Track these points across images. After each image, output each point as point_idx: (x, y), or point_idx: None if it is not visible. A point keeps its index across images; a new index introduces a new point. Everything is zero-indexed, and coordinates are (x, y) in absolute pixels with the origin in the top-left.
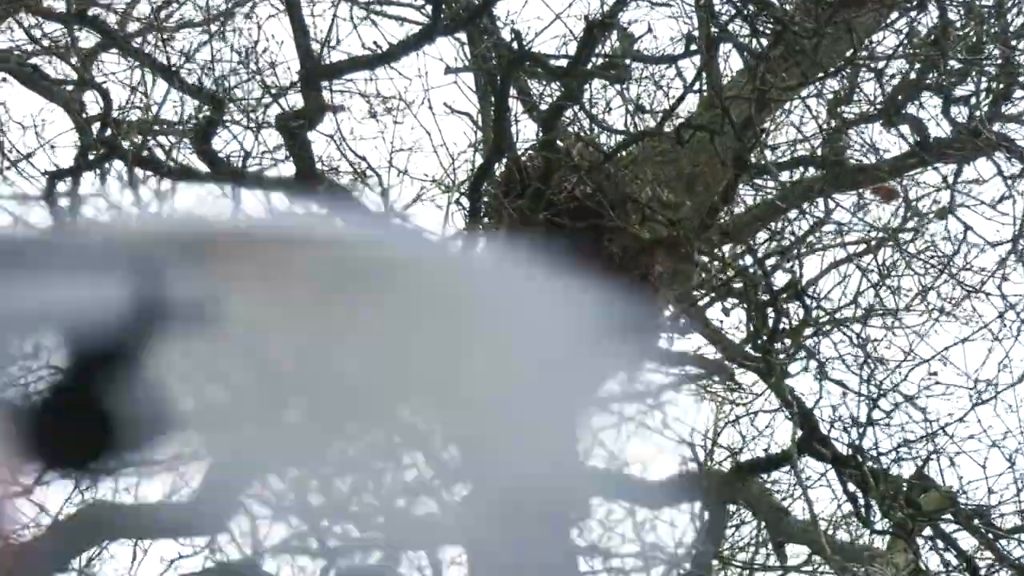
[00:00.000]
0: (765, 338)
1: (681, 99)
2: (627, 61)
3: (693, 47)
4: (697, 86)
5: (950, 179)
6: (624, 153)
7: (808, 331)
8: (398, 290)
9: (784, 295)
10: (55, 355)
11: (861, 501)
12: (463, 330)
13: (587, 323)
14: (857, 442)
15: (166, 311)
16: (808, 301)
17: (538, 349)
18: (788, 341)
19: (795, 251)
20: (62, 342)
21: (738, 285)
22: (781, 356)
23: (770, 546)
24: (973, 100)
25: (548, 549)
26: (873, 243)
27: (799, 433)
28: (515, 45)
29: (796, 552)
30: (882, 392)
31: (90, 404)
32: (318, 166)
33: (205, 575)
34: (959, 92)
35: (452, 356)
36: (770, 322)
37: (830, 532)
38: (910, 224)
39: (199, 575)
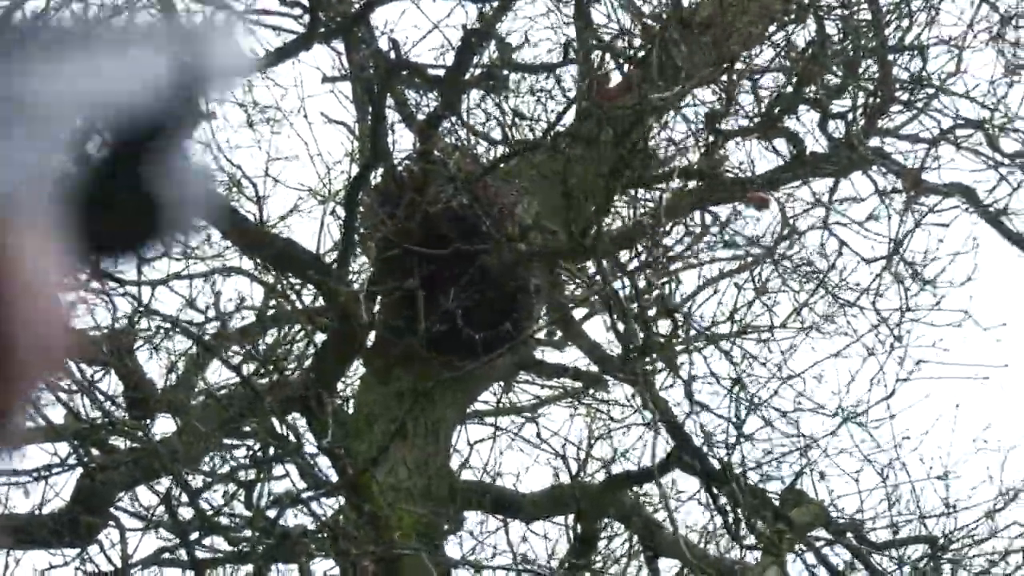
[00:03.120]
0: (634, 353)
1: (565, 111)
2: (504, 71)
3: (571, 55)
4: (575, 95)
5: (825, 196)
6: (502, 165)
7: (679, 348)
8: None
9: (653, 312)
10: (100, 137)
11: (731, 515)
12: None
13: None
14: (727, 457)
15: (205, 87)
16: (678, 318)
17: None
18: (655, 356)
19: (663, 266)
20: (106, 123)
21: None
22: (648, 371)
23: (642, 559)
24: (850, 115)
25: None
26: (749, 259)
27: (662, 449)
28: (392, 55)
29: (668, 565)
30: (752, 408)
31: (137, 186)
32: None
33: None
34: (836, 107)
35: None
36: (639, 337)
37: (702, 546)
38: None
39: None
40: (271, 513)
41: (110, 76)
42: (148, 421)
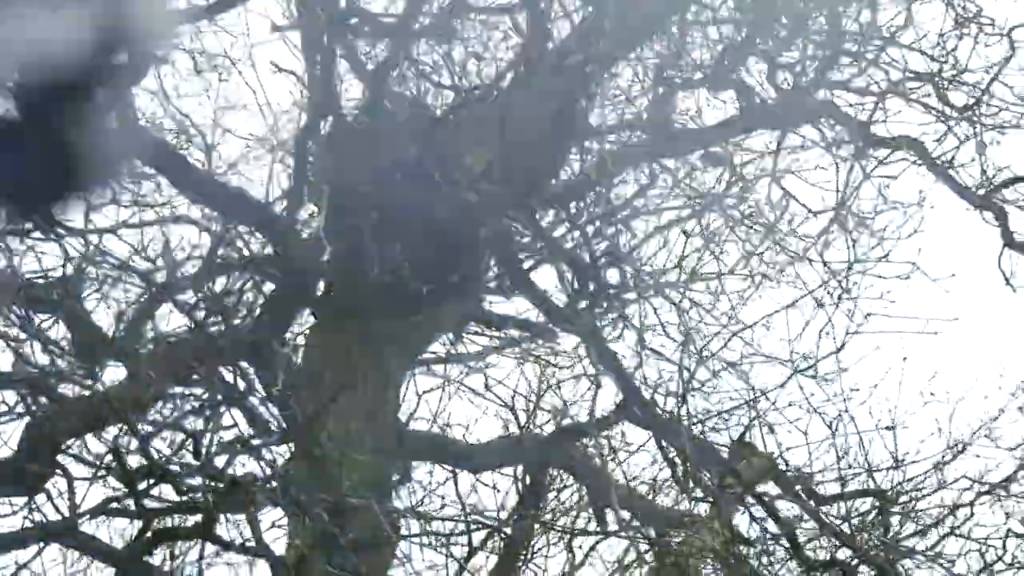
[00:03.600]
0: (584, 304)
1: (516, 61)
2: (455, 19)
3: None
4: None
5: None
6: (452, 116)
7: (630, 297)
8: None
9: (603, 261)
10: (15, 88)
11: (680, 468)
12: None
13: None
14: (676, 409)
15: (125, 44)
16: (627, 268)
17: None
18: (606, 306)
19: (617, 217)
20: (22, 75)
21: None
22: (597, 322)
23: (591, 510)
24: (799, 67)
25: None
26: (698, 207)
27: (610, 401)
28: (342, 3)
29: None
30: (701, 359)
31: (52, 137)
32: (141, 122)
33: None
34: (785, 58)
35: None
36: (589, 288)
37: (650, 497)
38: (735, 189)
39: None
40: (220, 461)
41: (33, 28)
42: (97, 369)
